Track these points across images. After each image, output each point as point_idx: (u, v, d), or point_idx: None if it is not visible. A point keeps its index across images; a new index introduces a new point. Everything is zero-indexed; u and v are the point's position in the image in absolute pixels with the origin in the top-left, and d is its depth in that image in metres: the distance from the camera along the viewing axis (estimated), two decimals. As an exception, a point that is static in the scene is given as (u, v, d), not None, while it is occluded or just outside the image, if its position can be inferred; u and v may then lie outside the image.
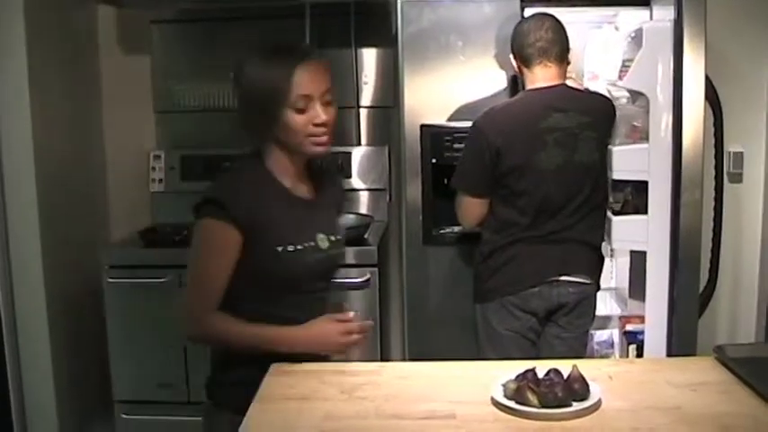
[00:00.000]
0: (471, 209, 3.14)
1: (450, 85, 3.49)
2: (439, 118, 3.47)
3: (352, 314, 2.15)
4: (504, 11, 3.49)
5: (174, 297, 3.78)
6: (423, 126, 3.45)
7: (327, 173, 2.44)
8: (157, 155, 4.44)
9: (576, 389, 1.88)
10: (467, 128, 3.26)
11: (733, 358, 2.10)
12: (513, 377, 1.92)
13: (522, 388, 1.86)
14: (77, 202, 4.18)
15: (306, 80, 2.11)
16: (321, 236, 2.26)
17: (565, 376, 1.91)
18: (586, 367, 1.98)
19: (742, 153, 3.83)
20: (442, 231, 3.54)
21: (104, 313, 3.86)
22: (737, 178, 3.85)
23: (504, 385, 1.90)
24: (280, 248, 2.16)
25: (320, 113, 2.14)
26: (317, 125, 2.14)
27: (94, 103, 4.44)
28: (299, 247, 2.19)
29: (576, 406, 1.84)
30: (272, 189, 2.21)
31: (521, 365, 1.99)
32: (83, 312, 4.03)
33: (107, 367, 3.90)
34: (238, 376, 2.21)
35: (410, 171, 3.42)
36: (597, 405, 1.87)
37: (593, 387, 1.90)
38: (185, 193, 4.32)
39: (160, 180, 4.43)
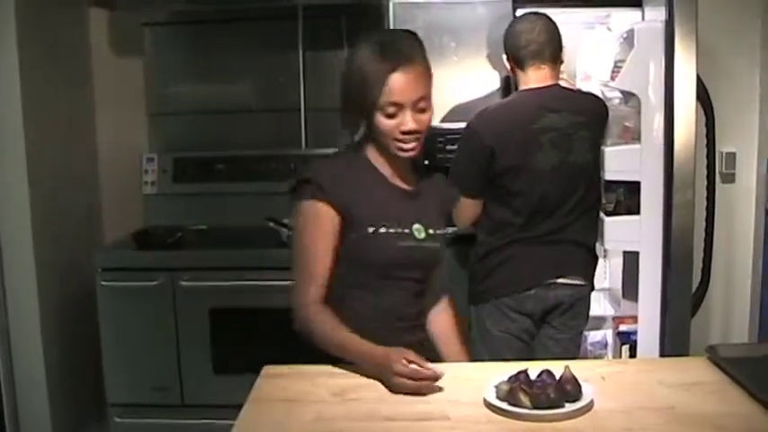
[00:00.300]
0: (465, 209, 3.14)
1: (443, 86, 3.44)
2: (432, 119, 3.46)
3: (430, 367, 2.00)
4: (497, 12, 3.49)
5: (166, 300, 3.80)
6: (415, 127, 3.43)
7: (431, 173, 2.43)
8: (150, 157, 4.42)
9: (568, 390, 1.88)
10: (460, 129, 3.26)
11: (725, 358, 2.11)
12: (506, 379, 1.92)
13: (515, 389, 1.86)
14: (70, 205, 4.17)
15: (399, 88, 2.11)
16: (417, 226, 2.26)
17: (557, 377, 1.92)
18: (579, 368, 1.98)
19: (734, 153, 3.83)
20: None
21: (97, 316, 3.85)
22: (730, 178, 3.85)
23: (496, 387, 1.90)
24: (371, 230, 2.18)
25: (408, 122, 2.13)
26: (404, 132, 2.14)
27: (87, 106, 4.43)
28: (391, 230, 2.20)
29: (569, 407, 1.85)
30: (369, 175, 2.24)
31: (514, 367, 1.99)
32: (76, 315, 4.02)
33: (100, 370, 3.88)
34: None
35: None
36: (589, 406, 1.87)
37: (585, 388, 1.91)
38: (178, 196, 4.36)
39: (153, 182, 4.41)
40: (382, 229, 2.18)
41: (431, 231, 2.28)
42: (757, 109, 3.78)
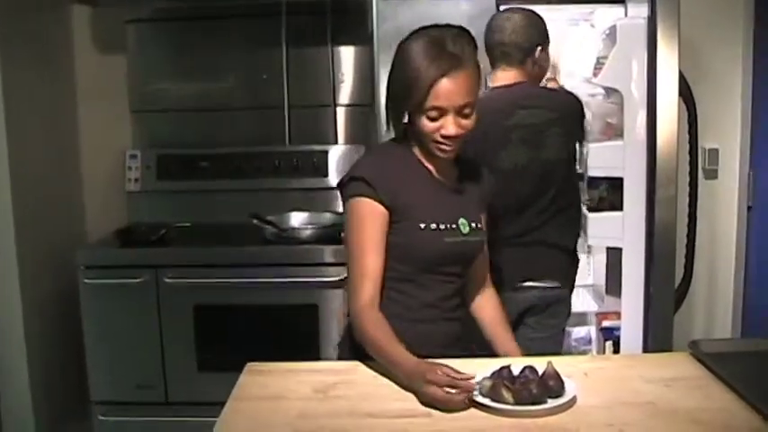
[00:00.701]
0: None
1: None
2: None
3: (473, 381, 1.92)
4: (480, 7, 3.48)
5: (150, 297, 3.79)
6: (400, 124, 3.44)
7: (474, 166, 2.42)
8: (133, 154, 4.40)
9: (550, 386, 1.89)
10: (443, 125, 3.25)
11: (707, 353, 2.12)
12: (489, 374, 1.92)
13: (497, 385, 1.87)
14: (53, 203, 4.15)
15: (445, 93, 2.10)
16: (463, 220, 2.27)
17: (540, 373, 1.92)
18: (562, 364, 1.99)
19: (717, 150, 3.85)
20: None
21: (81, 314, 3.83)
22: (713, 174, 3.87)
23: (479, 383, 1.90)
24: (422, 225, 2.19)
25: (449, 126, 2.13)
26: (444, 136, 2.14)
27: (69, 103, 4.41)
28: (441, 226, 2.21)
29: (551, 403, 1.85)
30: (416, 170, 2.25)
31: (496, 363, 1.99)
32: (59, 313, 4.00)
33: (84, 368, 3.87)
34: None
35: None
36: (572, 402, 1.88)
37: (567, 384, 1.91)
38: (162, 193, 4.35)
39: (136, 180, 4.39)
40: (432, 225, 2.20)
41: (474, 225, 2.30)
42: (739, 105, 3.79)
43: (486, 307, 2.49)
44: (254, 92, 4.45)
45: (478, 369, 1.96)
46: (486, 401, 1.85)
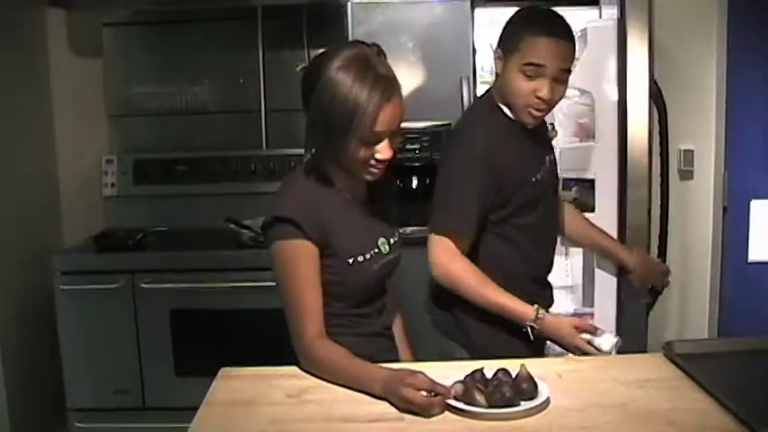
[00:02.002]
0: None
1: (401, 86, 3.48)
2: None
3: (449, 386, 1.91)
4: (455, 12, 3.51)
5: (127, 302, 3.78)
6: (374, 127, 3.45)
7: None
8: (110, 159, 4.39)
9: (524, 388, 1.89)
10: (418, 128, 3.27)
11: (680, 354, 2.12)
12: (462, 378, 1.92)
13: (470, 388, 1.87)
14: (28, 208, 4.12)
15: (388, 119, 2.05)
16: (382, 240, 2.26)
17: (513, 376, 1.92)
18: (535, 366, 1.99)
19: (692, 151, 3.85)
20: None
21: (57, 320, 3.82)
22: (688, 176, 3.87)
23: (452, 386, 1.90)
24: (350, 260, 2.16)
25: (385, 150, 2.09)
26: (379, 161, 2.10)
27: (45, 107, 4.39)
28: (366, 256, 2.19)
29: (524, 405, 1.85)
30: (335, 199, 2.19)
31: (469, 366, 1.99)
32: (35, 319, 3.98)
33: (60, 375, 3.85)
34: None
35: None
36: (545, 404, 1.88)
37: (541, 386, 1.91)
38: (138, 198, 4.34)
39: (113, 184, 4.38)
40: (360, 258, 2.17)
41: (392, 241, 2.29)
42: (714, 106, 3.80)
43: (397, 323, 2.49)
44: (231, 96, 4.45)
45: (451, 372, 1.96)
46: (460, 405, 1.85)
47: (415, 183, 3.67)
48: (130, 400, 3.87)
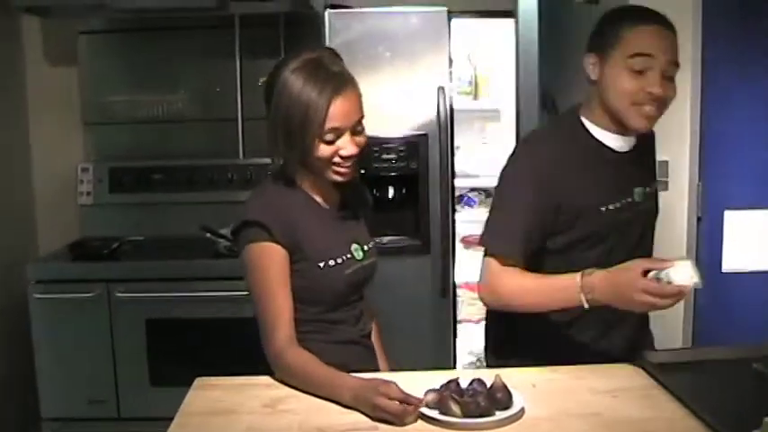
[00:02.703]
0: None
1: (378, 96, 3.51)
2: (367, 128, 3.46)
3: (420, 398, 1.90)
4: (432, 22, 3.52)
5: (102, 311, 3.76)
6: (351, 137, 3.46)
7: (352, 181, 2.34)
8: (85, 167, 4.38)
9: (498, 398, 1.89)
10: (394, 138, 3.28)
11: (654, 364, 2.14)
12: (437, 387, 1.93)
13: (445, 398, 1.87)
14: (2, 216, 4.10)
15: (340, 113, 2.07)
16: (355, 246, 2.26)
17: (488, 386, 1.93)
18: (510, 376, 2.00)
19: (667, 162, 3.88)
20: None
21: (31, 329, 3.79)
22: (663, 186, 3.89)
23: (427, 395, 1.90)
24: (321, 264, 2.16)
25: (348, 146, 2.10)
26: (342, 157, 2.11)
27: (20, 115, 4.37)
28: (338, 260, 2.19)
29: (499, 415, 1.86)
30: (306, 204, 2.20)
31: (445, 375, 1.99)
32: (9, 328, 3.96)
33: (34, 384, 3.82)
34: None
35: (339, 182, 3.44)
36: (520, 414, 1.88)
37: (515, 396, 1.92)
38: (114, 206, 4.32)
39: (88, 193, 4.36)
40: (331, 262, 2.17)
41: (366, 248, 2.29)
42: (688, 118, 3.83)
43: (374, 332, 2.47)
44: (208, 104, 4.45)
45: (427, 382, 1.96)
46: (435, 414, 1.85)
47: (391, 192, 3.69)
48: (105, 410, 3.85)
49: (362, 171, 3.40)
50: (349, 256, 2.22)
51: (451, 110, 3.63)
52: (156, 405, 3.62)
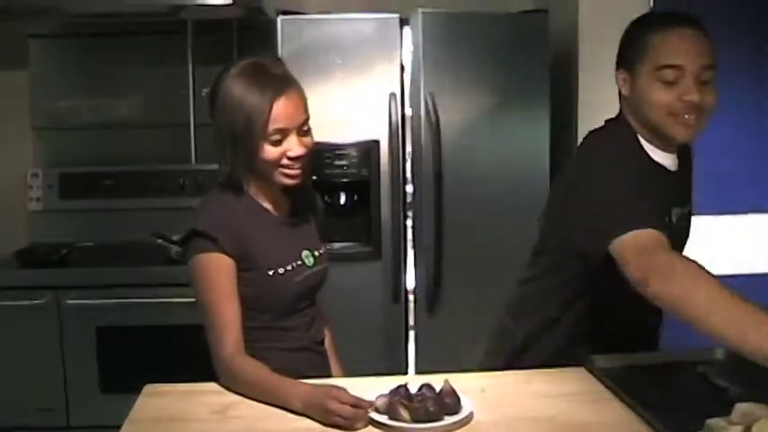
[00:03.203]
0: None
1: (330, 102, 3.51)
2: (319, 135, 3.46)
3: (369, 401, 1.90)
4: (384, 29, 3.54)
5: (51, 319, 3.72)
6: (303, 143, 3.46)
7: (301, 187, 2.35)
8: (35, 173, 4.33)
9: (447, 403, 1.90)
10: (346, 144, 3.29)
11: (602, 369, 2.16)
12: (387, 393, 1.93)
13: (395, 403, 1.87)
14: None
15: (284, 113, 2.07)
16: (306, 252, 2.25)
17: (437, 391, 1.94)
18: (460, 381, 2.00)
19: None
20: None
21: (-23, 337, 3.74)
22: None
23: (376, 401, 1.91)
24: (271, 272, 2.15)
25: (295, 147, 2.10)
26: (290, 158, 2.11)
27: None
28: (288, 268, 2.18)
29: (447, 420, 1.86)
30: (254, 212, 2.19)
31: (394, 381, 2.00)
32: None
33: (-18, 393, 3.78)
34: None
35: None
36: (468, 418, 1.89)
37: (464, 401, 1.93)
38: (64, 212, 4.28)
39: (38, 199, 4.32)
40: (280, 270, 2.17)
41: (317, 254, 2.30)
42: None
43: (327, 338, 2.48)
44: (160, 110, 4.43)
45: (377, 387, 1.97)
46: (384, 419, 1.85)
47: (343, 199, 3.69)
48: (55, 419, 3.80)
49: (314, 177, 3.47)
50: (299, 262, 2.22)
51: (403, 117, 3.65)
52: (107, 413, 3.54)
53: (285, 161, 2.11)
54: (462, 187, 3.67)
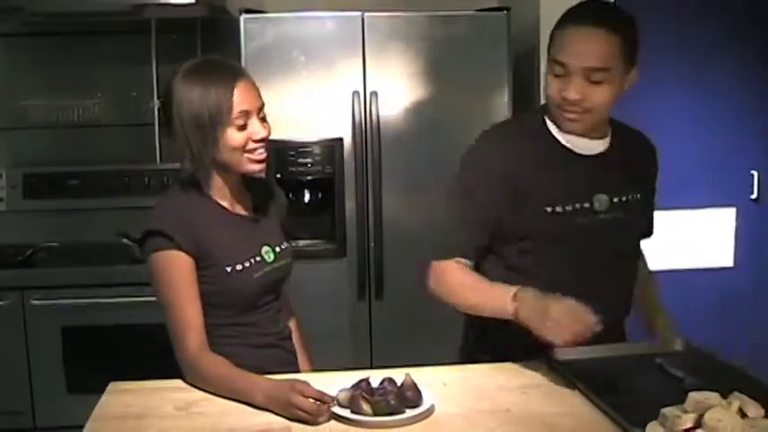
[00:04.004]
0: None
1: (294, 100, 3.53)
2: (283, 133, 3.50)
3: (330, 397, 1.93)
4: (346, 26, 3.56)
5: (16, 320, 3.70)
6: (267, 141, 3.47)
7: (263, 183, 2.43)
8: (-2, 173, 4.32)
9: (408, 396, 1.93)
10: (310, 142, 3.30)
11: (561, 361, 2.19)
12: (348, 386, 1.95)
13: (356, 397, 1.90)
14: None
15: (245, 96, 2.12)
16: (266, 248, 2.27)
17: (398, 384, 1.96)
18: (422, 374, 2.03)
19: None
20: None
21: (-60, 339, 3.72)
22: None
23: (338, 395, 1.93)
24: (228, 269, 2.17)
25: (259, 128, 2.15)
26: (256, 141, 2.15)
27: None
28: (246, 264, 2.20)
29: (409, 413, 1.89)
30: (211, 210, 2.21)
31: (356, 375, 2.02)
32: None
33: (-55, 396, 3.75)
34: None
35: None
36: (430, 411, 1.92)
37: (426, 394, 1.95)
38: (28, 212, 4.26)
39: (1, 199, 4.29)
40: (238, 266, 2.19)
41: (278, 249, 2.31)
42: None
43: (294, 334, 2.51)
44: (124, 109, 4.41)
45: (339, 382, 1.99)
46: (346, 413, 1.88)
47: (307, 197, 3.70)
48: (21, 421, 3.78)
49: (278, 175, 3.49)
50: (258, 259, 2.24)
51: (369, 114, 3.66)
52: (74, 413, 3.48)
53: (251, 145, 2.15)
54: (414, 185, 3.74)
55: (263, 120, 2.19)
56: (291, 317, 2.53)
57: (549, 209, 2.23)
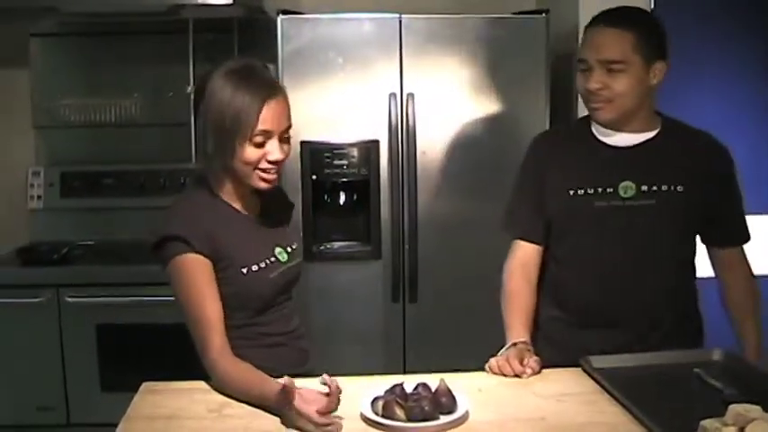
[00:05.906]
0: None
1: (330, 102, 3.52)
2: (319, 134, 3.50)
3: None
4: (384, 28, 3.54)
5: (51, 317, 3.73)
6: (302, 142, 3.48)
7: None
8: (36, 171, 4.34)
9: (443, 402, 1.91)
10: (346, 144, 3.28)
11: (597, 368, 2.17)
12: (382, 392, 1.94)
13: (390, 403, 1.88)
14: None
15: (271, 116, 2.10)
16: (279, 249, 2.28)
17: (433, 390, 1.95)
18: (457, 380, 2.02)
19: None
20: (322, 248, 3.59)
21: (-22, 335, 3.75)
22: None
23: (373, 400, 1.92)
24: (244, 270, 2.17)
25: (276, 151, 2.13)
26: (270, 162, 2.13)
27: (-31, 119, 4.32)
28: (261, 264, 2.20)
29: (443, 419, 1.88)
30: (225, 213, 2.21)
31: (390, 380, 2.01)
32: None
33: (-18, 391, 3.78)
34: None
35: (290, 187, 3.38)
36: (464, 418, 1.90)
37: (460, 400, 1.94)
38: (65, 211, 4.29)
39: (39, 197, 4.32)
40: (254, 267, 2.19)
41: (290, 249, 2.32)
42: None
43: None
44: (161, 109, 4.41)
45: (372, 387, 1.98)
46: (379, 419, 1.86)
47: (342, 198, 3.69)
48: (55, 417, 3.81)
49: (314, 177, 3.48)
50: (273, 259, 2.25)
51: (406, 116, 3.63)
52: (107, 411, 3.51)
53: (264, 164, 2.14)
54: (450, 187, 3.71)
55: (286, 141, 2.17)
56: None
57: (571, 191, 2.40)
